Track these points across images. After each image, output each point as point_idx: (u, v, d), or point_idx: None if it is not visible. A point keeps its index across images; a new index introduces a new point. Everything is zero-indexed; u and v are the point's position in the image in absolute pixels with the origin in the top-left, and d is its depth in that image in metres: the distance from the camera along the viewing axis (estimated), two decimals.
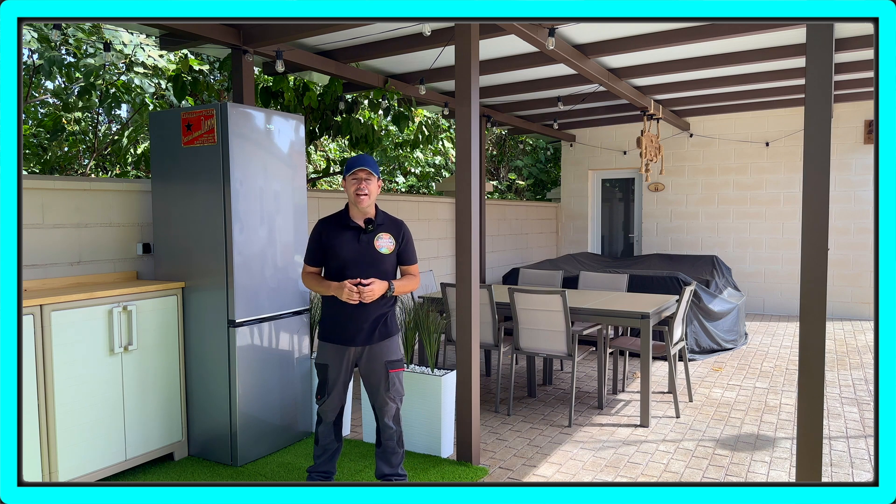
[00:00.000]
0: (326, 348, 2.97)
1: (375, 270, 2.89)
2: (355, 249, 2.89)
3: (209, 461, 3.59)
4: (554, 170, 12.38)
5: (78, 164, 7.50)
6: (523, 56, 5.45)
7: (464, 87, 3.43)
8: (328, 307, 2.96)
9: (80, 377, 3.08)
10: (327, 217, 3.00)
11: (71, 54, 6.05)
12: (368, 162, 2.87)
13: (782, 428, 4.16)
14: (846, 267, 8.24)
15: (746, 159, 8.79)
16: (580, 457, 3.69)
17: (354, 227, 2.92)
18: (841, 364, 5.86)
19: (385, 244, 2.93)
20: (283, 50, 4.63)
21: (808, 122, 2.47)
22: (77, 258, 3.56)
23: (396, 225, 3.01)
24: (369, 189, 2.86)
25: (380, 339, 2.95)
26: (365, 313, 2.91)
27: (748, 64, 5.68)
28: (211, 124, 3.42)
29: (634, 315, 4.19)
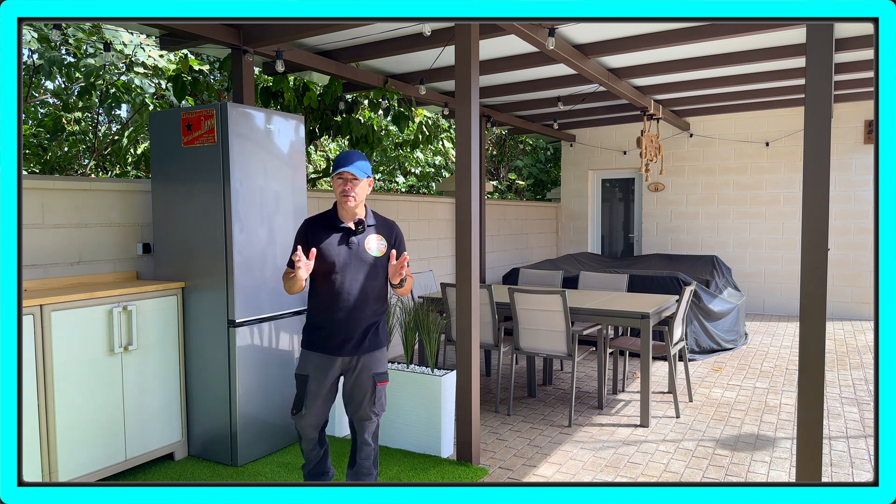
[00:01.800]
0: (309, 358, 2.71)
1: (366, 275, 2.68)
2: (344, 252, 2.66)
3: (209, 461, 3.59)
4: (554, 170, 12.37)
5: (78, 164, 7.50)
6: (523, 56, 5.44)
7: (464, 87, 3.43)
8: (315, 312, 2.71)
9: (79, 377, 3.08)
10: (313, 217, 2.75)
11: (71, 54, 6.05)
12: (354, 162, 2.61)
13: (782, 428, 4.15)
14: (846, 267, 8.23)
15: (746, 159, 8.79)
16: (580, 457, 3.69)
17: (343, 228, 2.69)
18: (841, 364, 5.85)
19: (376, 246, 2.71)
20: (283, 50, 4.62)
21: (808, 123, 2.47)
22: (77, 258, 3.55)
23: (388, 226, 2.80)
24: (355, 191, 2.63)
25: (370, 350, 2.70)
26: (356, 320, 2.67)
27: (748, 64, 5.67)
28: (211, 124, 3.41)
29: (634, 315, 4.19)
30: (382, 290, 2.76)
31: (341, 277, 2.65)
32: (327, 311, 2.67)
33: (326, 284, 2.66)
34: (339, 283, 2.65)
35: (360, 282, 2.66)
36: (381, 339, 2.77)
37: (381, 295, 2.75)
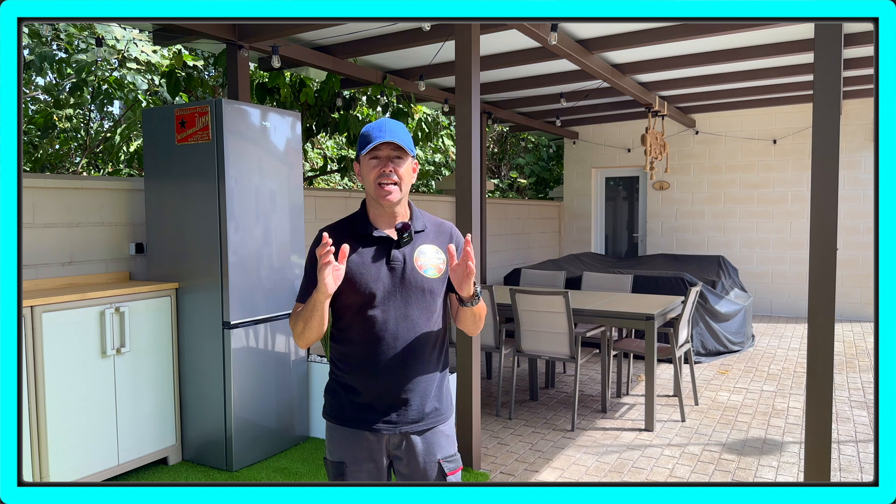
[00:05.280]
0: (339, 436, 1.78)
1: (418, 306, 1.74)
2: (385, 275, 1.72)
3: (203, 466, 3.56)
4: (556, 168, 12.30)
5: (69, 163, 7.47)
6: (525, 51, 5.40)
7: (464, 83, 3.40)
8: (343, 367, 1.78)
9: (71, 380, 3.04)
10: (335, 224, 1.82)
11: (62, 50, 6.01)
12: (397, 131, 1.70)
13: (790, 432, 4.11)
14: (855, 267, 8.15)
15: (753, 157, 8.71)
16: (583, 461, 3.65)
17: (380, 237, 1.75)
18: (850, 366, 5.80)
19: (432, 262, 1.76)
20: (279, 45, 4.58)
21: (817, 120, 2.43)
22: (69, 258, 3.53)
23: (445, 231, 1.85)
24: (398, 175, 1.70)
25: (431, 424, 1.78)
26: (407, 378, 1.73)
27: (755, 59, 5.62)
28: (205, 121, 3.38)
29: (639, 316, 4.15)
30: (444, 328, 1.84)
31: (382, 314, 1.72)
32: (363, 365, 1.74)
33: (360, 325, 1.74)
34: (379, 323, 1.72)
35: (412, 318, 1.74)
36: (447, 405, 1.84)
37: (441, 337, 1.82)
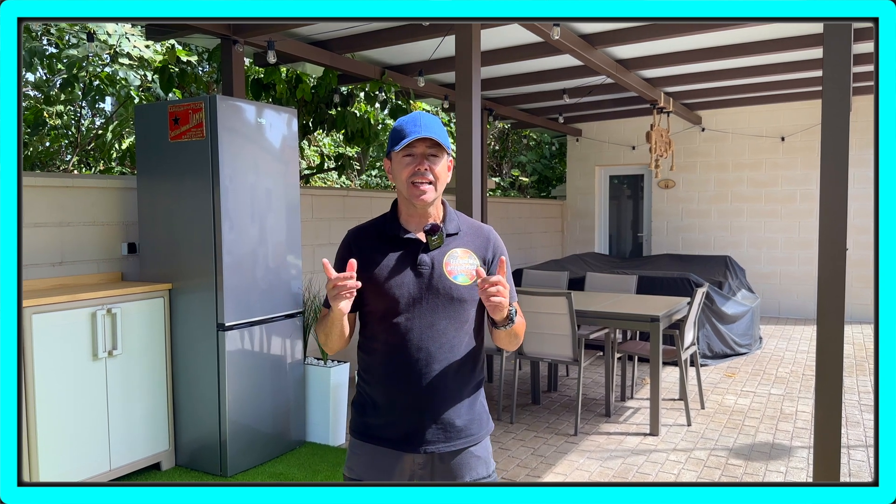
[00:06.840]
0: (360, 452, 1.69)
1: (446, 314, 1.63)
2: (410, 280, 1.62)
3: (197, 471, 3.52)
4: (559, 166, 12.23)
5: (60, 160, 7.46)
6: (527, 46, 5.35)
7: (465, 79, 3.40)
8: (368, 379, 1.70)
9: (62, 383, 3.01)
10: (363, 225, 1.74)
11: (53, 45, 5.97)
12: (433, 126, 1.60)
13: (798, 436, 4.07)
14: (866, 267, 8.05)
15: (761, 155, 8.63)
16: (587, 467, 3.61)
17: (408, 240, 1.65)
18: (860, 369, 5.74)
19: (463, 268, 1.63)
20: (274, 40, 4.55)
21: (826, 117, 2.41)
22: (59, 258, 3.49)
23: (482, 235, 1.73)
24: (436, 173, 1.60)
25: (462, 445, 1.67)
26: (437, 393, 1.63)
27: (762, 55, 5.58)
28: (199, 118, 3.36)
29: (644, 318, 4.12)
30: (478, 340, 1.72)
31: (406, 322, 1.62)
32: (386, 377, 1.65)
33: (384, 334, 1.65)
34: (402, 332, 1.62)
35: (439, 328, 1.63)
36: (479, 426, 1.72)
37: (474, 350, 1.70)
